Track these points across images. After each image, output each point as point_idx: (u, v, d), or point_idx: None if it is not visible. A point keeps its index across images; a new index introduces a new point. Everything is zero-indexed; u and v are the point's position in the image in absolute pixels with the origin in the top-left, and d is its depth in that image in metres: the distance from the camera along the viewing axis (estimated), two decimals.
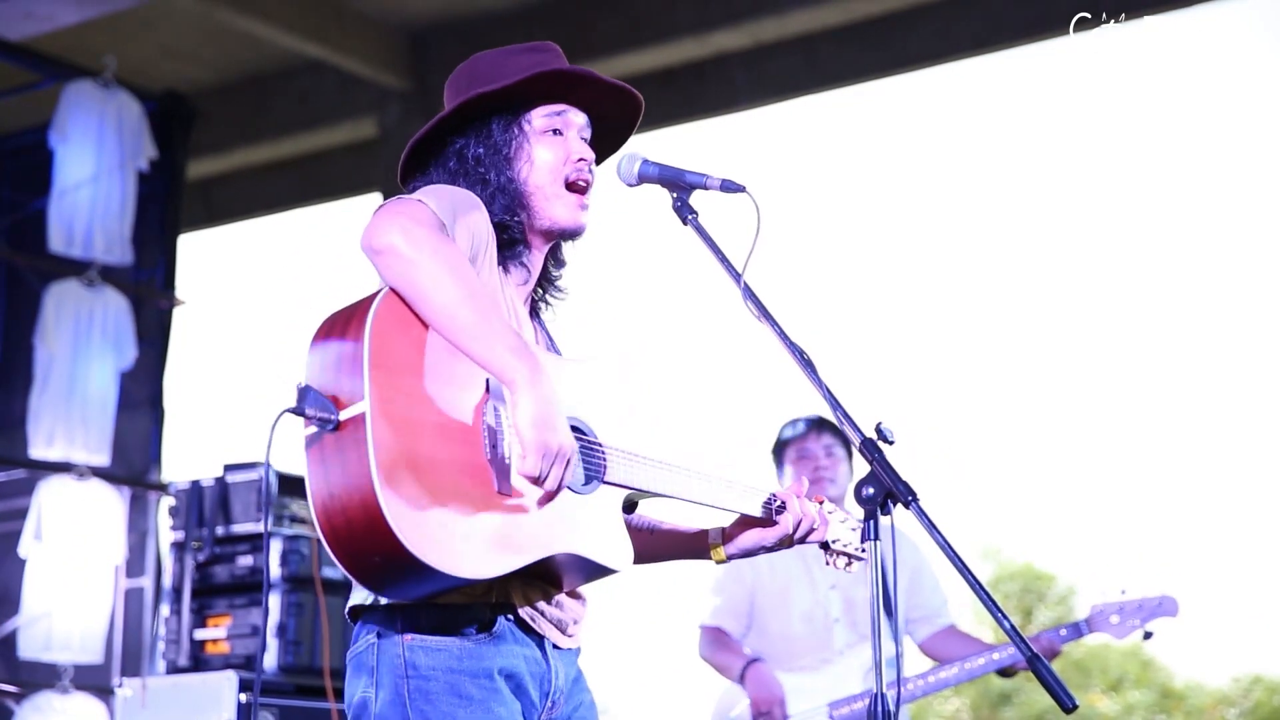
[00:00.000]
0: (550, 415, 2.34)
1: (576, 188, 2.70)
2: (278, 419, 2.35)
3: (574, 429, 2.54)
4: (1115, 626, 4.77)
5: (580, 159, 2.70)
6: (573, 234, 2.73)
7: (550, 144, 2.69)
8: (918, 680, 4.73)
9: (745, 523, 2.82)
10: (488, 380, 2.42)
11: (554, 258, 2.80)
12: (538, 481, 2.37)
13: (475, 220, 2.53)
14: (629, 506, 2.81)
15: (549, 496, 2.40)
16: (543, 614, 2.55)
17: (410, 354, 2.34)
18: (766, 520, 2.81)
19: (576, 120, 2.73)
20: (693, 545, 2.87)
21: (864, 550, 2.81)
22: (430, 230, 2.37)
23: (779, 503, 2.82)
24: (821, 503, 2.90)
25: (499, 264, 2.64)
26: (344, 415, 2.27)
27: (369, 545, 2.24)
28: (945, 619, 5.06)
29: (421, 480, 2.27)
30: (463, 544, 2.29)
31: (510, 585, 2.48)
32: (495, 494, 2.37)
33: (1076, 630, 4.79)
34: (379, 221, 2.36)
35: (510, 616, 2.49)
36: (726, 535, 2.84)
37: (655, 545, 2.87)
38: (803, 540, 2.84)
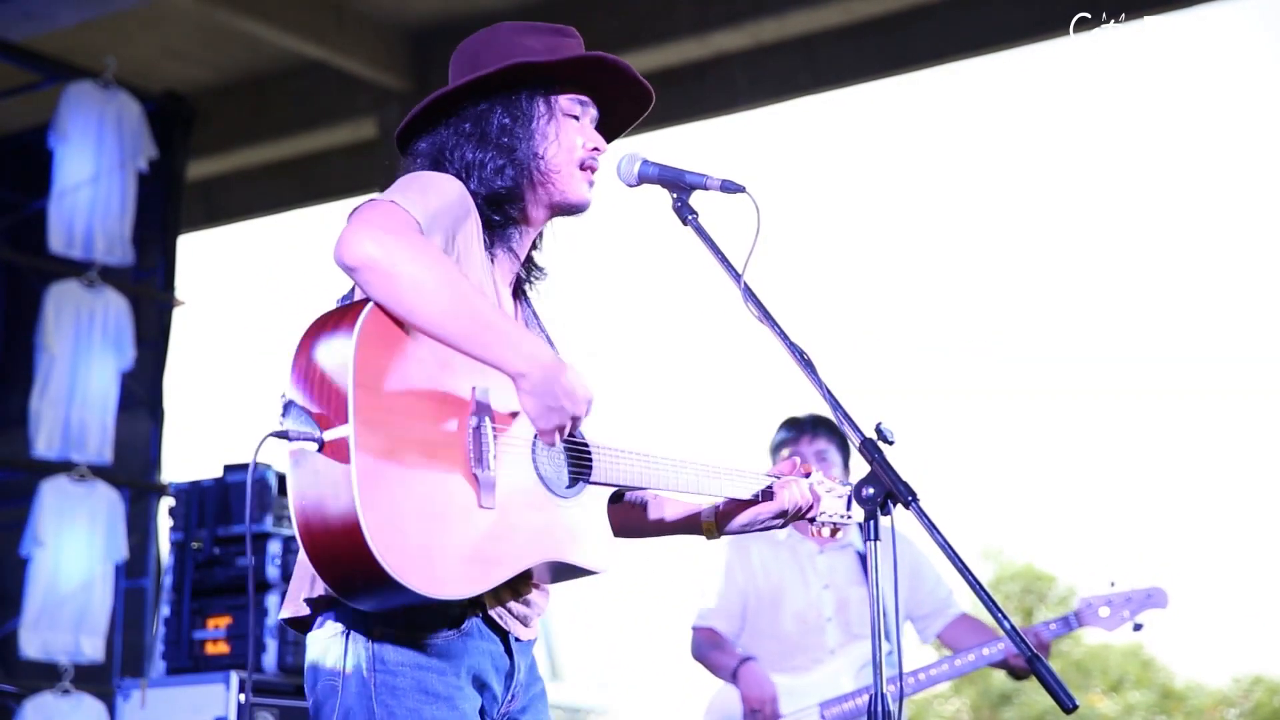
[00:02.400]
0: (550, 398, 2.40)
1: (588, 168, 2.72)
2: (262, 442, 2.32)
3: None
4: (1105, 619, 4.76)
5: (595, 147, 2.72)
6: (582, 209, 2.74)
7: (571, 128, 2.71)
8: (908, 678, 4.73)
9: (740, 502, 2.86)
10: (474, 390, 2.41)
11: (537, 239, 2.80)
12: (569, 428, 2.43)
13: (452, 210, 2.51)
14: (616, 496, 2.85)
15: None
16: (510, 611, 2.55)
17: (396, 369, 2.32)
18: (759, 500, 2.86)
19: (592, 112, 2.76)
20: (687, 523, 2.91)
21: (849, 516, 2.96)
22: (404, 237, 2.33)
23: (769, 486, 2.87)
24: (809, 474, 2.95)
25: (488, 247, 2.64)
26: (328, 436, 2.25)
27: (351, 564, 2.25)
28: (955, 609, 5.06)
29: (404, 501, 2.27)
30: (441, 565, 2.29)
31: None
32: (479, 508, 2.37)
33: (1066, 624, 4.79)
34: (350, 235, 2.31)
35: (479, 614, 2.50)
36: (720, 514, 2.87)
37: (650, 522, 2.92)
38: (797, 517, 2.90)
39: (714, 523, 2.88)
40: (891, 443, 2.58)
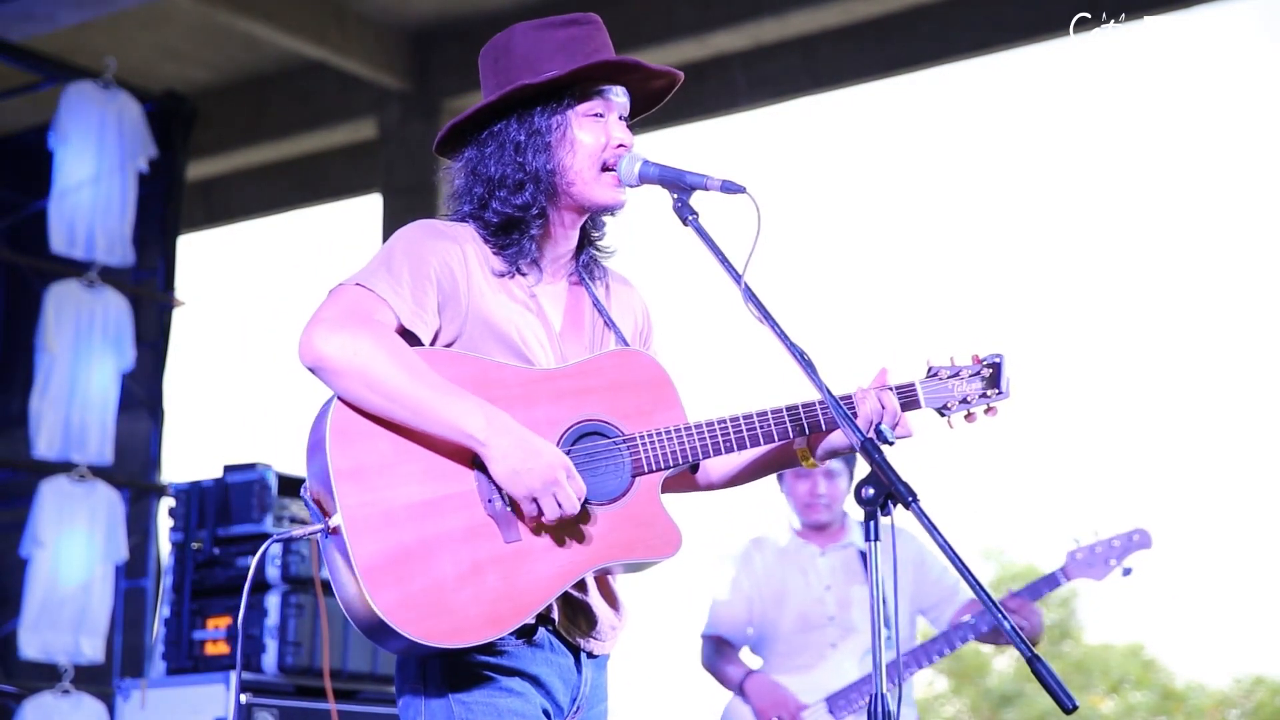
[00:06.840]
0: (519, 458, 2.41)
1: (609, 169, 2.70)
2: (267, 546, 2.57)
3: (596, 433, 2.58)
4: (1093, 569, 4.74)
5: (619, 144, 2.70)
6: (613, 210, 2.74)
7: (591, 128, 2.69)
8: (905, 659, 4.73)
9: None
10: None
11: (592, 222, 2.80)
12: (542, 518, 2.44)
13: (428, 261, 2.56)
14: (693, 466, 2.79)
15: (569, 517, 2.46)
16: (579, 627, 2.62)
17: (376, 449, 2.43)
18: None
19: (618, 100, 2.73)
20: (782, 457, 2.85)
21: (997, 393, 2.90)
22: (349, 330, 2.43)
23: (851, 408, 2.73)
24: (891, 388, 2.81)
25: (509, 268, 2.66)
26: (331, 524, 2.42)
27: (385, 636, 2.42)
28: (964, 595, 5.02)
29: (413, 569, 2.40)
30: (466, 614, 2.41)
31: (552, 603, 2.56)
32: (505, 545, 2.45)
33: (1053, 580, 4.77)
34: (303, 337, 2.44)
35: (551, 627, 2.58)
36: (811, 442, 2.80)
37: (745, 464, 2.87)
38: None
39: (807, 450, 2.81)
40: (891, 443, 2.59)
